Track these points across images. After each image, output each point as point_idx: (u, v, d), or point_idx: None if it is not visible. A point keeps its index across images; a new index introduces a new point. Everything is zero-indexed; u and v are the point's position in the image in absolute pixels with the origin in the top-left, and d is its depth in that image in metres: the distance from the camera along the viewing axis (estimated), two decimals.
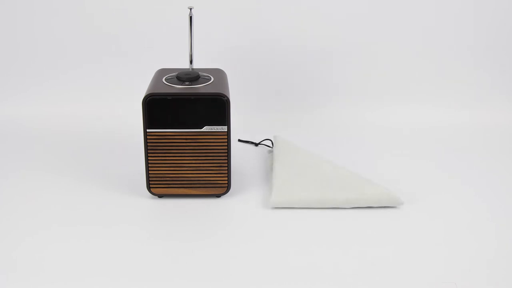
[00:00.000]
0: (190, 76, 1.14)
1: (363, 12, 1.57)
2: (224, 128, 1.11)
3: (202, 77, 1.16)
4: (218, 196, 1.17)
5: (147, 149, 1.11)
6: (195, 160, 1.12)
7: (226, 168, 1.13)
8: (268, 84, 1.63)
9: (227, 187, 1.15)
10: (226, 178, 1.14)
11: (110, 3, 1.56)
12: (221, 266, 0.95)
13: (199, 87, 1.11)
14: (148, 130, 1.10)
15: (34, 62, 1.60)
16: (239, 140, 1.46)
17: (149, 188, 1.15)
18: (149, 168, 1.13)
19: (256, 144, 1.44)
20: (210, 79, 1.16)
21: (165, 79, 1.15)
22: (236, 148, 1.35)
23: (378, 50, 1.60)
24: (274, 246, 1.01)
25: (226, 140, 1.11)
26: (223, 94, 1.09)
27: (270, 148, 1.41)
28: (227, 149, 1.12)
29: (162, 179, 1.14)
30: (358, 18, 1.57)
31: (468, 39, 1.60)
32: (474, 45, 1.60)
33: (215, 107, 1.09)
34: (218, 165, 1.13)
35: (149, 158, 1.12)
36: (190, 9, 1.12)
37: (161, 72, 1.21)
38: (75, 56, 1.60)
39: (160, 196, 1.16)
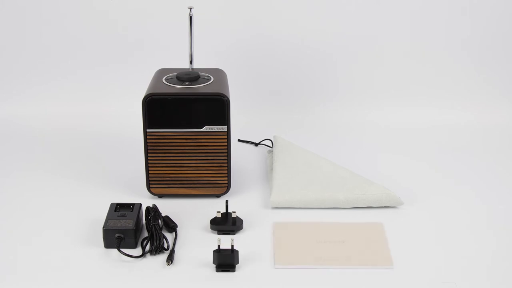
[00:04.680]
0: (190, 76, 1.14)
1: (364, 12, 1.57)
2: (224, 128, 1.10)
3: (202, 77, 1.16)
4: (218, 196, 1.17)
5: (147, 149, 1.11)
6: (195, 160, 1.12)
7: (226, 168, 1.13)
8: (268, 84, 1.62)
9: (227, 187, 1.15)
10: (226, 178, 1.14)
11: (109, 3, 1.56)
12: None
13: (199, 87, 1.11)
14: (148, 130, 1.10)
15: (35, 63, 1.60)
16: (239, 140, 1.46)
17: (149, 188, 1.15)
18: (149, 168, 1.13)
19: (256, 144, 1.44)
20: (210, 79, 1.16)
21: (165, 79, 1.15)
22: (236, 148, 1.35)
23: (379, 50, 1.60)
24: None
25: (226, 140, 1.11)
26: (223, 94, 1.09)
27: (270, 148, 1.41)
28: (227, 149, 1.12)
29: (162, 179, 1.14)
30: (358, 18, 1.57)
31: (469, 40, 1.59)
32: (474, 45, 1.60)
33: (215, 107, 1.09)
34: (218, 165, 1.13)
35: (149, 158, 1.12)
36: (190, 9, 1.12)
37: (161, 72, 1.21)
38: (75, 57, 1.60)
39: (160, 196, 1.16)
